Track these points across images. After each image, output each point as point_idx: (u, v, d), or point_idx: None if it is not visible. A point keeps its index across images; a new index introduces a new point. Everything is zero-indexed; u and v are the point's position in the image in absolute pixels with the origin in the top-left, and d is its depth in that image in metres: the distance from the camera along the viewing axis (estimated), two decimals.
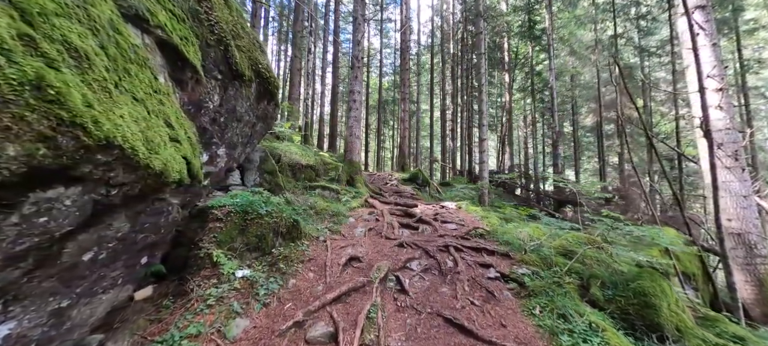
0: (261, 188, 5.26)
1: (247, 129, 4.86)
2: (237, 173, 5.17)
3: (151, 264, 2.55)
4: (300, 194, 6.33)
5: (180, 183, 2.27)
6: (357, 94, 8.83)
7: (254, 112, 4.86)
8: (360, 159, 9.03)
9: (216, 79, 3.75)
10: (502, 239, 4.64)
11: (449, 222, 5.81)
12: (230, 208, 3.58)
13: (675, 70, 15.71)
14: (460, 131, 21.64)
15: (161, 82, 2.60)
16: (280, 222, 3.76)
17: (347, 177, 8.17)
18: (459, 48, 21.89)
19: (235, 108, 4.23)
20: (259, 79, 4.68)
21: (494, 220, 5.76)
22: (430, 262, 4.20)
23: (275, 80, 5.12)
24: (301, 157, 7.12)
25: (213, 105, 3.76)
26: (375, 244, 4.73)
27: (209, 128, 3.79)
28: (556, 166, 15.97)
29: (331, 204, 6.17)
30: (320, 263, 3.82)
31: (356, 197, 7.33)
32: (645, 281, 3.19)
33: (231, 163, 4.78)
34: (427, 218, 5.85)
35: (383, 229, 5.33)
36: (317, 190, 6.70)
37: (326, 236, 4.63)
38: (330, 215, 5.68)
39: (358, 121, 8.78)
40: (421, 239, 4.97)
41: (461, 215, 6.34)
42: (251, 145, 5.31)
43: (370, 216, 6.09)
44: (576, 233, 5.20)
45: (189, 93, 3.24)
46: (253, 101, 4.72)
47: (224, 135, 4.20)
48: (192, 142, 2.84)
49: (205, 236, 3.29)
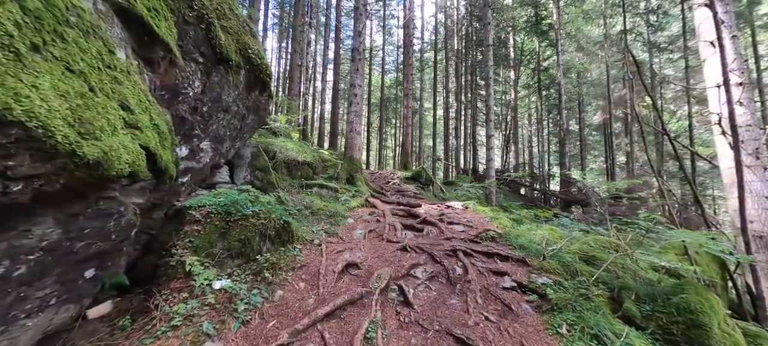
0: (251, 186, 4.84)
1: (236, 121, 4.43)
2: (225, 170, 4.75)
3: (105, 276, 2.12)
4: (295, 193, 5.90)
5: (133, 178, 1.84)
6: (358, 88, 8.39)
7: (244, 102, 4.43)
8: (361, 156, 8.60)
9: (197, 62, 3.32)
10: (515, 243, 4.18)
11: (456, 223, 5.36)
12: (211, 208, 3.15)
13: (688, 66, 15.13)
14: (464, 129, 21.14)
15: (121, 57, 2.17)
16: (268, 224, 3.32)
17: (347, 175, 7.73)
18: (463, 44, 21.38)
19: (221, 97, 3.80)
20: (248, 66, 4.24)
21: (505, 221, 5.30)
22: (437, 268, 3.75)
23: (267, 68, 4.69)
24: (298, 154, 6.69)
25: (193, 92, 3.34)
26: (375, 248, 4.29)
27: (189, 118, 3.36)
28: (563, 164, 15.46)
29: (328, 204, 5.74)
30: (313, 270, 3.38)
31: (356, 196, 6.89)
32: (690, 295, 2.72)
33: (218, 158, 4.36)
34: (432, 219, 5.40)
35: (384, 231, 4.89)
36: (314, 188, 6.27)
37: (322, 239, 4.20)
38: (327, 215, 5.25)
39: (358, 117, 8.34)
40: (426, 242, 4.52)
41: (468, 216, 5.89)
42: (241, 139, 4.89)
43: (370, 217, 5.65)
44: (596, 236, 4.73)
45: (161, 75, 2.81)
46: (243, 91, 4.28)
47: (208, 127, 3.77)
48: (161, 131, 2.41)
49: (179, 240, 2.86)
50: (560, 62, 15.18)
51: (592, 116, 21.50)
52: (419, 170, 10.85)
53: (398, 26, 26.89)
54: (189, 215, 3.05)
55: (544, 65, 19.57)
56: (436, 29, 24.89)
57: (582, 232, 5.04)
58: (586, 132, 22.45)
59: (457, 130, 20.27)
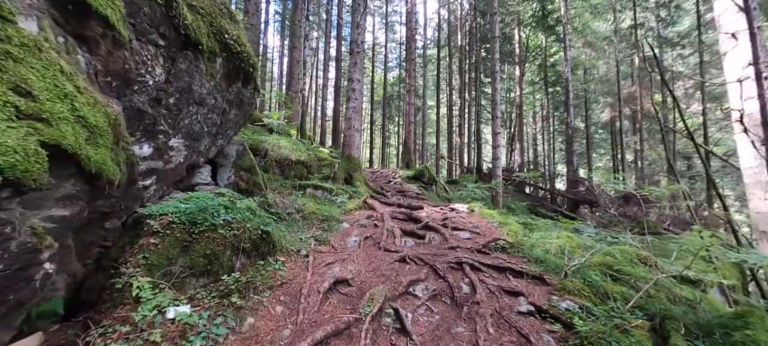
0: (235, 188, 4.33)
1: (215, 116, 3.91)
2: (207, 170, 4.23)
3: (27, 306, 1.61)
4: (287, 195, 5.39)
5: (17, 187, 1.32)
6: (356, 82, 7.84)
7: (223, 95, 3.91)
8: (360, 155, 8.06)
9: (156, 45, 2.79)
10: (530, 255, 3.62)
11: (461, 229, 4.81)
12: (173, 217, 2.63)
13: (702, 60, 14.34)
14: (467, 127, 20.51)
15: (26, 29, 1.65)
16: (242, 235, 2.80)
17: (345, 175, 7.20)
18: (467, 41, 20.70)
19: (191, 87, 3.28)
20: (226, 54, 3.71)
21: (515, 227, 4.73)
22: (440, 285, 3.21)
23: (250, 57, 4.16)
24: (292, 153, 6.17)
25: (154, 80, 2.81)
26: (371, 258, 3.75)
27: (150, 111, 2.83)
28: (570, 163, 14.80)
29: (322, 206, 5.21)
30: (295, 288, 2.86)
31: (353, 197, 6.36)
32: (757, 331, 2.15)
33: (195, 157, 3.85)
34: (434, 225, 4.85)
35: (382, 238, 4.35)
36: (308, 189, 5.75)
37: (310, 249, 3.67)
38: (319, 219, 4.72)
39: (357, 113, 7.80)
40: (427, 251, 3.98)
41: (474, 220, 5.33)
42: (225, 136, 4.37)
43: (367, 221, 5.12)
44: (621, 246, 4.15)
45: (104, 58, 2.28)
46: (220, 81, 3.76)
47: (178, 122, 3.25)
48: (92, 125, 1.89)
49: (130, 257, 2.35)
50: (568, 58, 14.47)
51: (599, 114, 20.74)
52: (422, 169, 10.28)
53: (401, 23, 26.22)
54: (147, 226, 2.53)
55: (551, 61, 18.83)
56: (439, 25, 24.20)
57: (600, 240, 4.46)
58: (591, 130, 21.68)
59: (460, 128, 19.64)
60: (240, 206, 3.14)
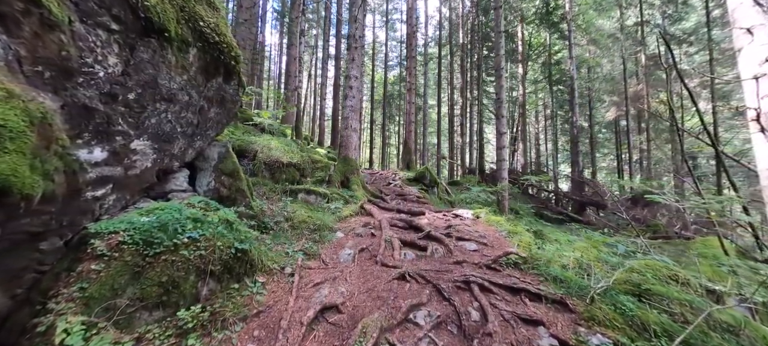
0: (214, 195, 3.87)
1: (191, 115, 3.45)
2: (184, 175, 3.78)
3: None
4: (276, 201, 4.93)
5: None
6: (354, 80, 7.37)
7: (199, 91, 3.45)
8: (358, 156, 7.60)
9: (109, 30, 2.33)
10: (546, 272, 3.15)
11: (467, 239, 4.34)
12: (125, 235, 2.17)
13: (712, 58, 13.82)
14: (469, 127, 20.01)
15: None
16: (210, 255, 2.34)
17: (341, 177, 6.73)
18: (468, 39, 20.19)
19: (157, 81, 2.81)
20: (202, 44, 3.25)
21: (526, 238, 4.26)
22: (445, 310, 2.75)
23: (232, 49, 3.69)
24: (283, 154, 5.70)
25: (106, 72, 2.35)
26: (366, 275, 3.29)
27: (102, 109, 2.37)
28: (576, 163, 14.30)
29: (314, 213, 4.75)
30: (274, 318, 2.40)
31: (350, 202, 5.89)
32: None
33: (167, 161, 3.38)
34: (437, 234, 4.38)
35: (380, 249, 3.89)
36: (300, 195, 5.28)
37: (296, 265, 3.21)
38: (310, 229, 4.26)
39: (355, 112, 7.33)
40: (430, 266, 3.52)
41: (480, 229, 4.86)
42: (204, 137, 3.91)
43: (364, 229, 4.66)
44: (646, 261, 3.68)
45: (29, 42, 1.82)
46: (196, 76, 3.30)
47: (142, 121, 2.79)
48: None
49: (64, 288, 1.89)
50: (573, 55, 13.96)
51: (603, 113, 20.22)
52: (423, 170, 9.81)
53: (401, 20, 25.72)
54: (90, 248, 2.07)
55: (556, 58, 18.32)
56: (440, 23, 23.69)
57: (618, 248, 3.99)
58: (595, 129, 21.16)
59: (462, 128, 19.14)
60: (212, 219, 2.68)
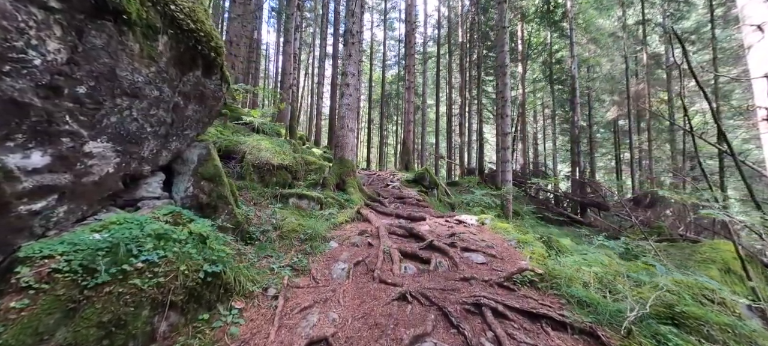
0: (192, 202, 3.44)
1: (163, 113, 3.01)
2: (156, 180, 3.34)
3: None
4: (265, 206, 4.50)
5: None
6: (351, 77, 6.93)
7: (173, 86, 3.01)
8: (355, 157, 7.18)
9: (47, 8, 1.89)
10: (567, 293, 2.75)
11: (473, 250, 3.93)
12: (61, 261, 1.74)
13: (716, 57, 13.50)
14: (467, 126, 19.64)
15: None
16: (173, 282, 1.91)
17: (337, 180, 6.31)
18: (468, 38, 19.79)
19: (116, 73, 2.38)
20: (174, 32, 2.81)
21: (539, 248, 3.86)
22: (454, 341, 2.34)
23: (212, 39, 3.26)
24: (274, 156, 5.27)
25: (44, 59, 1.91)
26: (362, 296, 2.88)
27: (39, 104, 1.94)
28: (576, 164, 13.95)
29: (306, 220, 4.32)
30: None
31: (345, 207, 5.47)
32: None
33: (135, 165, 2.95)
34: (440, 244, 3.97)
35: (377, 262, 3.48)
36: (291, 200, 4.86)
37: (282, 285, 2.78)
38: (300, 239, 3.84)
39: (352, 111, 6.91)
40: (434, 284, 3.11)
41: (487, 237, 4.46)
42: (181, 138, 3.47)
43: (360, 238, 4.24)
44: (676, 278, 3.29)
45: None
46: (167, 68, 2.86)
47: (99, 119, 2.35)
48: None
49: None
50: (574, 53, 13.59)
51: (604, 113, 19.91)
52: (422, 172, 9.40)
53: (400, 19, 25.30)
54: (15, 277, 1.64)
55: (556, 57, 17.95)
56: (439, 22, 23.28)
57: (661, 271, 3.60)
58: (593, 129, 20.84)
59: (461, 127, 18.74)
60: (180, 235, 2.25)
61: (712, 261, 7.80)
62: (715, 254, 8.01)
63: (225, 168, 4.93)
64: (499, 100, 7.56)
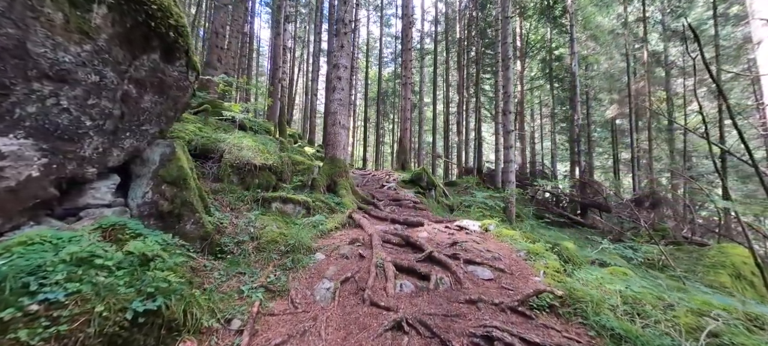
0: (151, 210, 2.90)
1: (108, 103, 2.47)
2: (106, 185, 2.80)
3: None
4: (244, 213, 3.97)
5: None
6: (343, 69, 6.40)
7: (120, 70, 2.47)
8: (347, 156, 6.66)
9: None
10: (597, 323, 2.27)
11: (478, 262, 3.44)
12: None
13: (718, 54, 13.15)
14: (465, 125, 19.18)
15: None
16: (80, 330, 1.39)
17: (327, 181, 5.78)
18: (465, 35, 19.30)
19: (27, 48, 1.84)
20: (117, 1, 2.27)
21: (553, 261, 3.38)
22: None
23: (172, 16, 2.72)
24: (257, 155, 4.73)
25: None
26: (348, 326, 2.37)
27: None
28: (577, 163, 13.56)
29: (290, 229, 3.80)
30: None
31: (336, 211, 4.96)
32: None
33: (74, 166, 2.40)
34: (441, 256, 3.47)
35: (369, 279, 2.97)
36: (274, 204, 4.33)
37: (250, 316, 2.27)
38: (281, 251, 3.32)
39: (344, 107, 6.38)
40: (435, 309, 2.61)
41: (492, 246, 3.97)
42: (137, 134, 2.93)
43: (351, 248, 3.73)
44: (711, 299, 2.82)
45: None
46: (110, 47, 2.32)
47: (5, 109, 1.82)
48: None
49: None
50: (575, 50, 13.16)
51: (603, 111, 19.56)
52: (420, 172, 8.90)
53: (396, 16, 24.74)
54: None
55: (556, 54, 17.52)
56: (437, 19, 22.75)
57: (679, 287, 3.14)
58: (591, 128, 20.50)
59: (458, 126, 18.27)
60: (110, 258, 1.72)
61: (721, 266, 7.38)
62: (724, 259, 7.58)
63: (201, 169, 4.38)
64: (502, 96, 7.07)
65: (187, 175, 3.11)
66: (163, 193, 2.99)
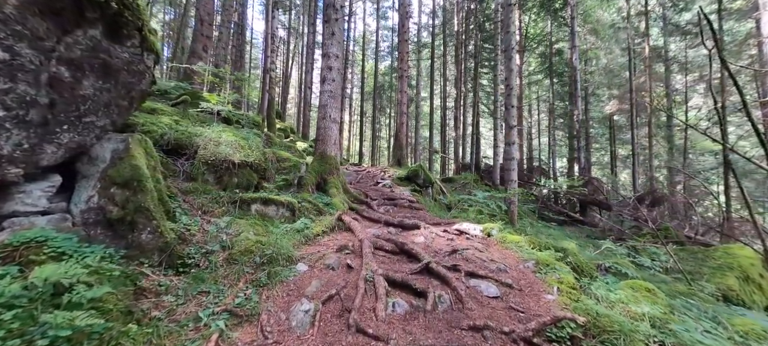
0: (97, 217, 2.42)
1: (29, 88, 1.97)
2: (40, 188, 2.31)
3: None
4: (218, 216, 3.50)
5: None
6: (334, 59, 5.89)
7: (40, 47, 1.97)
8: (338, 151, 6.18)
9: None
10: None
11: (482, 275, 3.01)
12: None
13: (722, 49, 12.75)
14: (463, 120, 18.72)
15: None
16: None
17: (316, 179, 5.31)
18: (463, 28, 18.74)
19: None
20: None
21: (566, 274, 2.95)
22: None
23: None
24: (237, 151, 4.24)
25: None
26: None
27: None
28: (577, 160, 13.18)
29: (268, 236, 3.34)
30: None
31: (324, 212, 4.50)
32: None
33: None
34: (440, 268, 3.03)
35: (356, 299, 2.53)
36: (254, 205, 3.86)
37: None
38: (256, 263, 2.85)
39: (335, 99, 5.88)
40: (433, 338, 2.17)
41: (496, 254, 3.54)
42: (80, 127, 2.43)
43: (338, 257, 3.28)
44: (753, 320, 2.42)
45: None
46: (22, 16, 1.82)
47: None
48: None
49: None
50: (576, 43, 12.69)
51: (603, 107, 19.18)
52: (416, 168, 8.45)
53: (393, 8, 24.05)
54: None
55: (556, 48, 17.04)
56: (434, 12, 22.12)
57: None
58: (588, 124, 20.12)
59: (456, 121, 17.80)
60: None
61: (728, 268, 7.01)
62: (731, 260, 7.21)
63: (173, 167, 3.89)
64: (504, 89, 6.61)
65: (142, 175, 2.62)
66: (112, 197, 2.50)
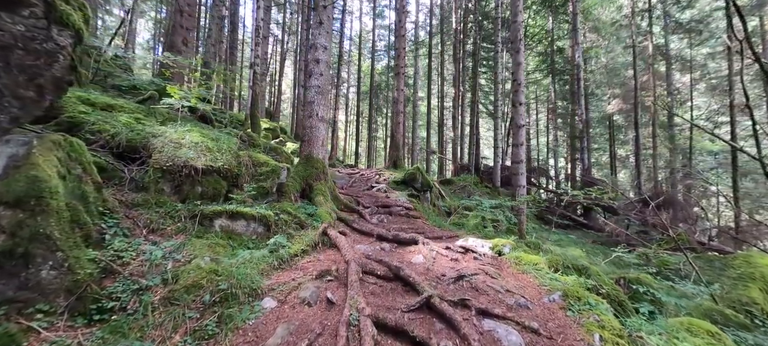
0: None
1: None
2: None
3: None
4: (171, 236, 2.80)
5: None
6: (322, 51, 5.21)
7: None
8: (326, 154, 5.49)
9: None
10: None
11: (497, 314, 2.34)
12: None
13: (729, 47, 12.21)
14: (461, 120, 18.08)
15: None
16: None
17: (301, 185, 4.63)
18: (461, 27, 18.09)
19: None
20: None
21: (605, 314, 2.29)
22: None
23: None
24: (201, 155, 3.54)
25: None
26: None
27: None
28: (581, 160, 12.59)
29: (226, 261, 2.65)
30: None
31: (307, 225, 3.81)
32: None
33: None
34: (443, 305, 2.36)
35: None
36: (219, 221, 3.16)
37: None
38: (205, 302, 2.16)
39: (322, 95, 5.20)
40: None
41: (511, 281, 2.88)
42: None
43: (317, 287, 2.59)
44: None
45: None
46: None
47: None
48: None
49: None
50: (578, 41, 12.09)
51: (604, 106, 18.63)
52: (413, 171, 7.78)
53: (390, 7, 23.38)
54: None
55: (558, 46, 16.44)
56: (431, 10, 21.47)
57: None
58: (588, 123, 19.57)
59: (454, 121, 17.16)
60: None
61: (750, 278, 6.40)
62: (752, 270, 6.61)
63: (121, 174, 3.19)
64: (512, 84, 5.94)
65: (43, 190, 1.92)
66: None
